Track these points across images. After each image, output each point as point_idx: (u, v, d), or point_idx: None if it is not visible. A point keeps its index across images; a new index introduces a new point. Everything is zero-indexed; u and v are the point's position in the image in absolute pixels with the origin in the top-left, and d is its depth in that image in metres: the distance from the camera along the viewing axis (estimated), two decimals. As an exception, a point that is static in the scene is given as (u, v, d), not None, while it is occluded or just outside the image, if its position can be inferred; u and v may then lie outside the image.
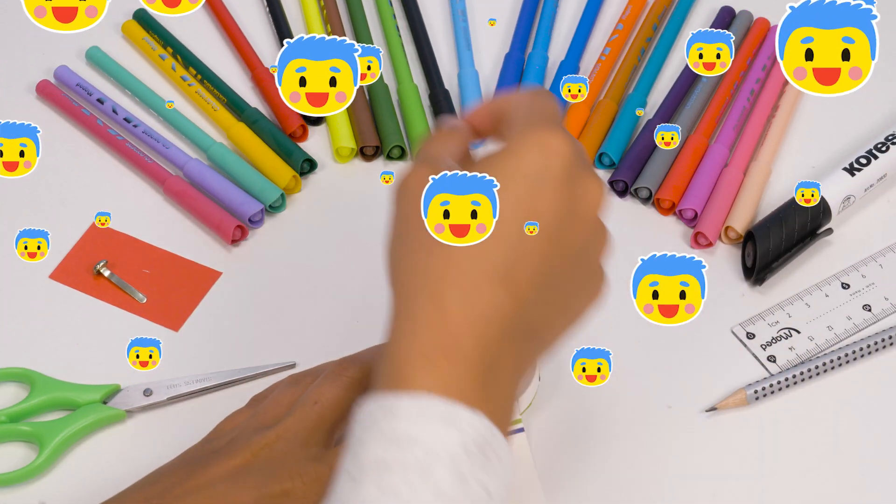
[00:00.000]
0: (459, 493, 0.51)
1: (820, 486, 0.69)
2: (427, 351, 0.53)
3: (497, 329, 0.54)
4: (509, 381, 0.55)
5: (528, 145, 0.56)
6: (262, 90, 0.88)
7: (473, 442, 0.52)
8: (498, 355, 0.54)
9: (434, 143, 0.60)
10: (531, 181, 0.55)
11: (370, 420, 0.53)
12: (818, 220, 0.78)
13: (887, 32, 0.93)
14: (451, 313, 0.53)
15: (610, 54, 0.89)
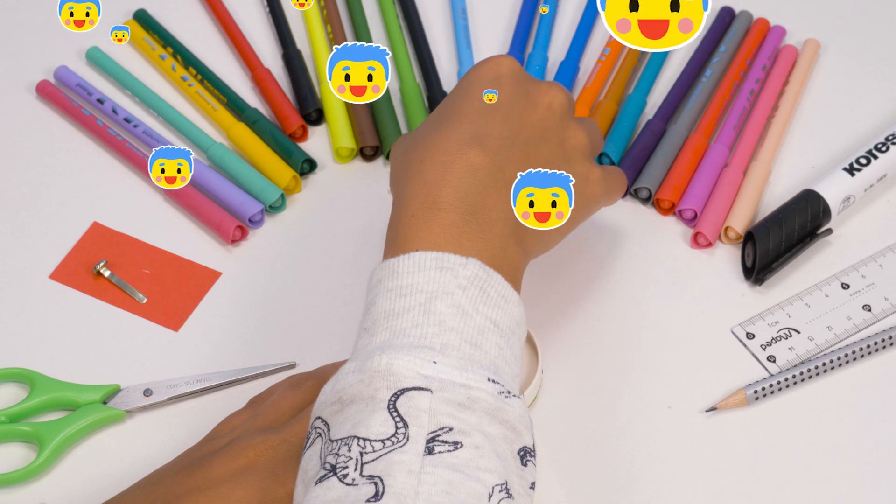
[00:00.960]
0: (461, 324, 0.58)
1: (820, 486, 0.69)
2: (414, 211, 0.62)
3: (472, 178, 0.63)
4: (502, 223, 0.63)
5: (479, 64, 0.68)
6: (262, 90, 0.88)
7: (467, 280, 0.59)
8: (482, 201, 0.63)
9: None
10: (485, 83, 0.67)
11: (377, 283, 0.61)
12: (818, 220, 0.78)
13: (886, 32, 0.93)
14: (430, 178, 0.63)
15: (610, 54, 0.89)
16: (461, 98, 0.67)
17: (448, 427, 0.54)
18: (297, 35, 0.92)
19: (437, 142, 0.65)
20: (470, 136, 0.64)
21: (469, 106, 0.66)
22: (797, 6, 0.93)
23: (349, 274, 0.79)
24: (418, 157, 0.65)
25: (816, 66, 0.90)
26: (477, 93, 0.67)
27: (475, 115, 0.66)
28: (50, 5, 0.94)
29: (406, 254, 0.61)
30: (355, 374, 0.56)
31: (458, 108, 0.66)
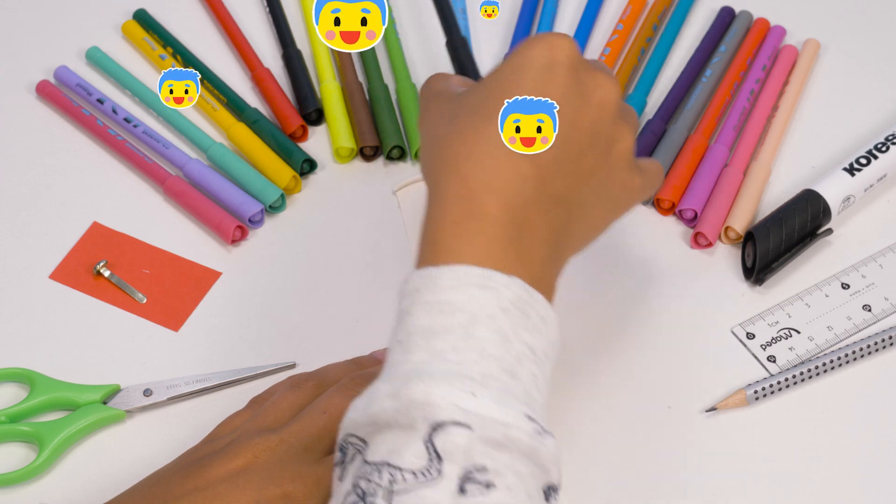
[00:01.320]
0: (501, 351, 0.55)
1: (820, 486, 0.69)
2: (456, 217, 0.58)
3: (519, 192, 0.58)
4: (544, 244, 0.59)
5: (533, 43, 0.61)
6: (262, 90, 0.88)
7: (510, 302, 0.56)
8: (526, 217, 0.58)
9: (436, 79, 0.65)
10: (539, 72, 0.60)
11: (414, 292, 0.57)
12: (818, 220, 0.78)
13: (886, 32, 0.93)
14: (474, 181, 0.58)
15: (610, 54, 0.89)
16: (510, 85, 0.61)
17: (483, 466, 0.53)
18: (297, 35, 0.92)
19: (483, 139, 0.59)
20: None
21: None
22: (797, 6, 0.93)
23: (349, 274, 0.79)
24: (462, 153, 0.59)
25: (816, 66, 0.90)
26: (528, 81, 0.60)
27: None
28: (50, 5, 0.95)
29: (448, 266, 0.57)
30: (391, 399, 0.54)
31: (499, 100, 0.60)
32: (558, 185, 0.60)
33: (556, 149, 0.60)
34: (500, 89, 0.61)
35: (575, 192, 0.61)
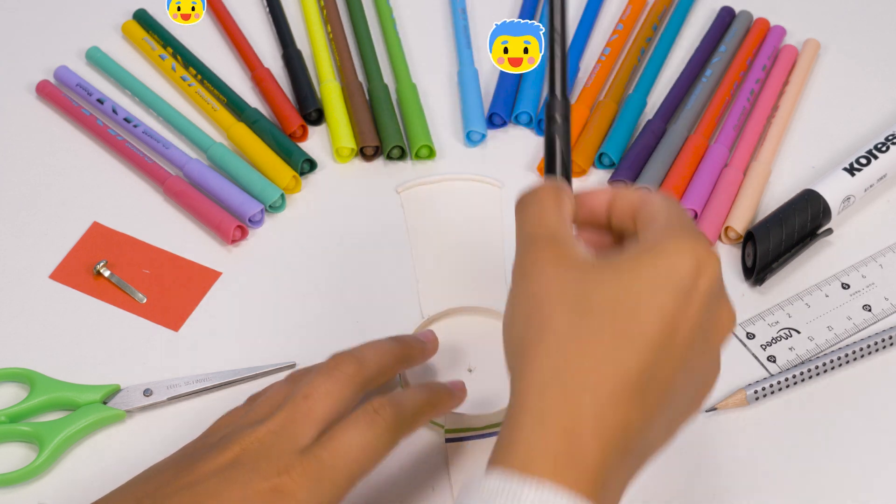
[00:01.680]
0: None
1: (820, 486, 0.69)
2: (556, 455, 0.52)
3: (622, 444, 0.53)
4: (619, 491, 0.54)
5: (683, 252, 0.54)
6: (262, 90, 0.88)
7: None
8: (617, 469, 0.53)
9: (548, 212, 0.59)
10: (680, 294, 0.54)
11: (492, 496, 0.52)
12: (818, 220, 0.78)
13: (886, 32, 0.93)
14: (584, 421, 0.52)
15: (610, 54, 0.89)
16: (643, 298, 0.53)
17: None
18: (297, 35, 0.92)
19: (596, 360, 0.53)
20: (635, 381, 0.53)
21: (647, 326, 0.53)
22: (797, 6, 0.93)
23: (349, 274, 0.79)
24: (572, 366, 0.53)
25: (816, 66, 0.90)
26: (664, 304, 0.53)
27: (651, 347, 0.53)
28: (50, 5, 0.95)
29: (534, 481, 0.52)
30: None
31: (630, 317, 0.53)
32: (652, 436, 0.55)
33: (667, 392, 0.54)
34: (632, 299, 0.54)
35: (660, 441, 0.56)
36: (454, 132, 0.87)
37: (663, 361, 0.53)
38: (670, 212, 0.57)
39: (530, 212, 0.59)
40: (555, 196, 0.60)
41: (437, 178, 0.84)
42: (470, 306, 0.75)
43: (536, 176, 0.84)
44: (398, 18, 0.93)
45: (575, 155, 0.83)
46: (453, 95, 0.89)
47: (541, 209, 0.59)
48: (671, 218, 0.57)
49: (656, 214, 0.57)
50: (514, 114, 0.87)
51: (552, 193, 0.60)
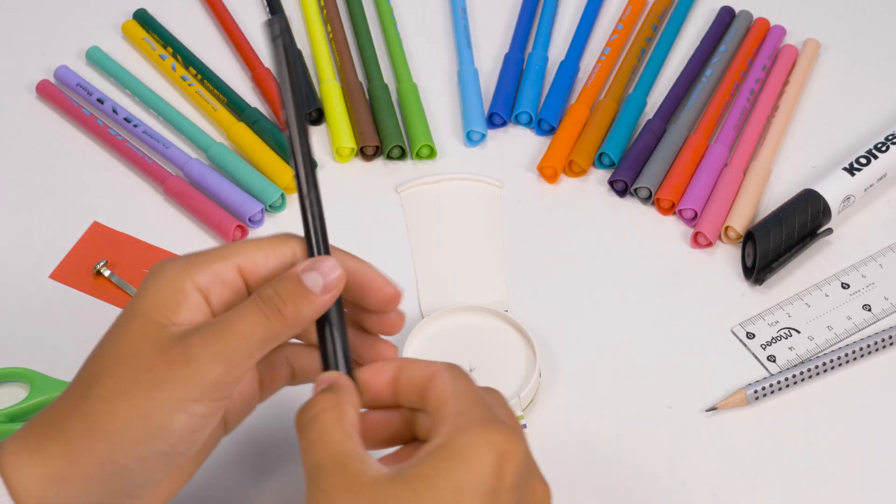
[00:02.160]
0: None
1: (820, 486, 0.69)
2: None
3: None
4: None
5: (480, 451, 0.51)
6: (262, 90, 0.88)
7: None
8: None
9: (330, 432, 0.54)
10: (485, 498, 0.51)
11: None
12: (818, 219, 0.78)
13: (886, 32, 0.93)
14: None
15: (610, 54, 0.89)
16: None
17: None
18: (297, 35, 0.92)
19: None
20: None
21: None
22: (797, 6, 0.93)
23: (349, 274, 0.79)
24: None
25: (816, 66, 0.90)
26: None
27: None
28: (50, 5, 0.95)
29: None
30: None
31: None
32: None
33: None
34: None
35: None
36: (454, 132, 0.87)
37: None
38: (458, 393, 0.54)
39: (311, 435, 0.54)
40: (333, 409, 0.55)
41: (437, 178, 0.84)
42: (470, 306, 0.75)
43: (536, 176, 0.84)
44: (398, 18, 0.93)
45: (575, 155, 0.83)
46: (453, 95, 0.89)
47: (321, 430, 0.54)
48: (460, 402, 0.54)
49: (445, 398, 0.54)
50: (514, 113, 0.87)
51: (330, 406, 0.55)
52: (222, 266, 0.58)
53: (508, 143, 0.86)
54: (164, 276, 0.57)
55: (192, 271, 0.57)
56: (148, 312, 0.56)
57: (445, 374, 0.55)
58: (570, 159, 0.84)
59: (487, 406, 0.54)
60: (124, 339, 0.56)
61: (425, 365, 0.56)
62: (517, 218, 0.82)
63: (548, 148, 0.84)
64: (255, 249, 0.59)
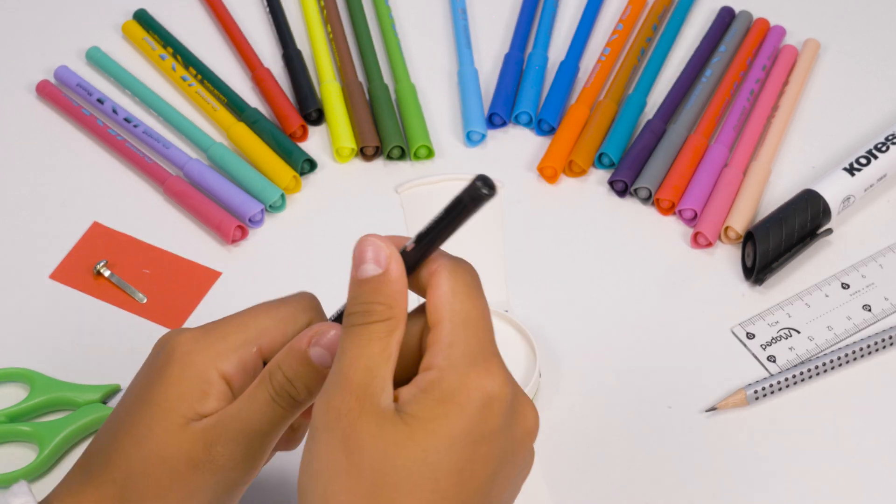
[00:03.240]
0: None
1: (820, 486, 0.69)
2: None
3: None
4: None
5: (472, 399, 0.52)
6: (262, 90, 0.88)
7: None
8: None
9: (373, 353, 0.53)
10: (477, 442, 0.52)
11: None
12: (818, 220, 0.78)
13: (886, 32, 0.93)
14: None
15: (610, 54, 0.89)
16: (438, 469, 0.51)
17: None
18: (297, 35, 0.92)
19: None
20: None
21: (449, 489, 0.51)
22: (797, 6, 0.93)
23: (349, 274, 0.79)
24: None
25: (816, 66, 0.90)
26: (464, 461, 0.51)
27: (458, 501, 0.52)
28: (50, 5, 0.95)
29: None
30: None
31: (432, 487, 0.51)
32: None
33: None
34: (430, 468, 0.51)
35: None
36: (454, 132, 0.87)
37: (474, 501, 0.52)
38: (454, 314, 0.53)
39: (352, 342, 0.53)
40: (385, 323, 0.54)
41: (436, 179, 0.84)
42: (470, 306, 0.75)
43: (536, 176, 0.84)
44: (399, 18, 0.93)
45: (575, 155, 0.83)
46: (453, 95, 0.89)
47: (366, 339, 0.53)
48: (455, 329, 0.53)
49: (440, 317, 0.53)
50: (514, 114, 0.87)
51: (384, 319, 0.54)
52: (245, 352, 0.58)
53: (508, 143, 0.86)
54: (188, 363, 0.57)
55: (218, 360, 0.57)
56: (172, 404, 0.56)
57: (445, 279, 0.54)
58: (570, 159, 0.84)
59: (478, 332, 0.53)
60: (151, 438, 0.56)
61: (432, 258, 0.55)
62: (517, 218, 0.82)
63: (548, 148, 0.84)
64: (276, 327, 0.58)
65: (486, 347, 0.54)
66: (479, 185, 0.51)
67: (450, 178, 0.84)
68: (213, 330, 0.58)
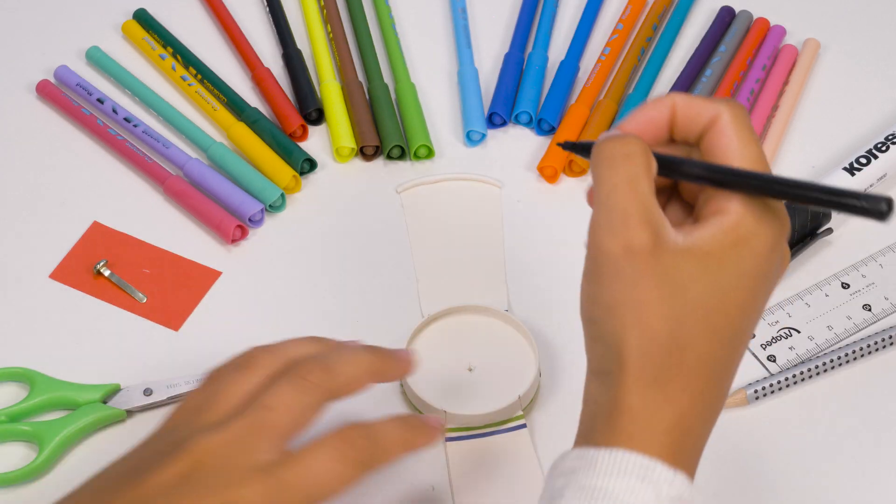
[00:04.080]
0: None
1: (820, 486, 0.69)
2: (634, 396, 0.55)
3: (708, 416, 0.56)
4: (703, 440, 0.57)
5: (764, 243, 0.56)
6: (262, 90, 0.88)
7: (670, 499, 0.53)
8: (694, 421, 0.56)
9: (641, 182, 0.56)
10: (761, 281, 0.56)
11: (570, 472, 0.54)
12: (818, 219, 0.78)
13: (886, 32, 0.93)
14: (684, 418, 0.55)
15: (610, 54, 0.89)
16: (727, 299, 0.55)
17: None
18: (297, 35, 0.92)
19: (688, 365, 0.55)
20: (721, 369, 0.56)
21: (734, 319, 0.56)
22: (797, 6, 0.93)
23: (349, 274, 0.79)
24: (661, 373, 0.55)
25: (816, 66, 0.90)
26: (749, 297, 0.56)
27: (736, 333, 0.56)
28: (50, 5, 0.95)
29: (607, 450, 0.54)
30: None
31: (719, 313, 0.56)
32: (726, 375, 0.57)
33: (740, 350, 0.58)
34: (719, 297, 0.55)
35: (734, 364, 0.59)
36: (454, 132, 0.87)
37: (744, 336, 0.57)
38: (744, 155, 0.56)
39: (620, 174, 0.56)
40: (644, 155, 0.56)
41: (437, 178, 0.84)
42: (470, 306, 0.75)
43: (536, 176, 0.84)
44: (399, 18, 0.93)
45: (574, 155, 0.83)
46: (453, 95, 0.89)
47: (633, 174, 0.56)
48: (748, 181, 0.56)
49: (729, 156, 0.56)
50: (514, 113, 0.87)
51: (641, 151, 0.56)
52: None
53: (508, 143, 0.86)
54: None
55: None
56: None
57: (729, 120, 0.57)
58: (570, 159, 0.84)
59: (767, 174, 0.56)
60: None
61: (707, 104, 0.57)
62: (517, 218, 0.82)
63: (548, 148, 0.84)
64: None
65: (774, 202, 0.57)
66: (885, 208, 0.53)
67: (450, 178, 0.84)
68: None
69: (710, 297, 0.55)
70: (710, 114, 0.57)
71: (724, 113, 0.57)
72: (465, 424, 0.71)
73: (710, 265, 0.55)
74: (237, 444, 0.57)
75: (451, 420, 0.71)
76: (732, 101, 0.57)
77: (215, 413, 0.59)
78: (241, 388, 0.60)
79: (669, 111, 0.58)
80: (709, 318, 0.55)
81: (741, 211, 0.56)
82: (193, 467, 0.56)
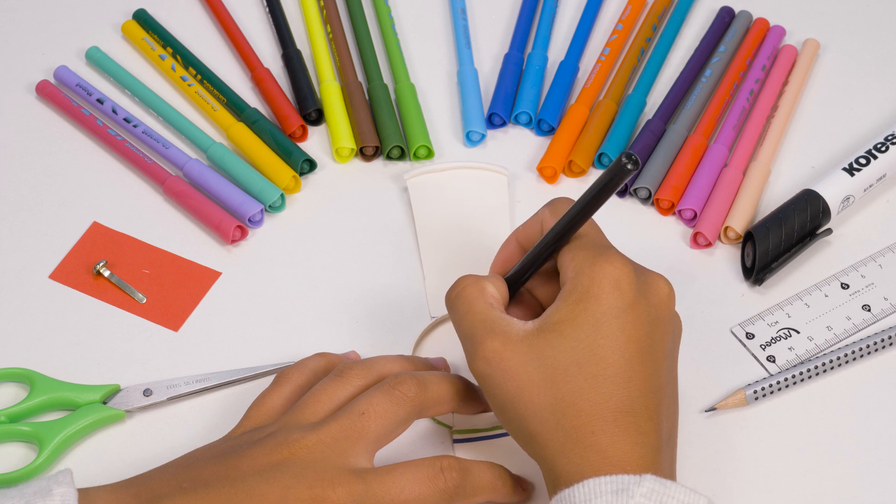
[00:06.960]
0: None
1: (819, 485, 0.69)
2: (595, 428, 0.61)
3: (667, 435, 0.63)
4: (666, 431, 0.63)
5: (603, 285, 0.63)
6: (262, 90, 0.88)
7: (644, 497, 0.58)
8: (626, 448, 0.61)
9: (475, 303, 0.65)
10: (619, 318, 0.62)
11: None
12: (818, 220, 0.78)
13: (886, 32, 0.93)
14: (610, 454, 0.60)
15: (610, 54, 0.89)
16: (595, 348, 0.62)
17: None
18: (297, 35, 0.92)
19: (594, 398, 0.61)
20: (627, 405, 0.61)
21: (611, 359, 0.62)
22: (797, 6, 0.93)
23: (349, 274, 0.79)
24: (581, 429, 0.61)
25: (816, 66, 0.90)
26: (614, 336, 0.62)
27: (623, 370, 0.62)
28: (50, 5, 0.95)
29: (579, 484, 0.59)
30: None
31: (594, 362, 0.62)
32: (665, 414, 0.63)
33: (656, 378, 0.63)
34: (586, 349, 0.62)
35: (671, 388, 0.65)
36: (454, 132, 0.87)
37: (635, 365, 0.62)
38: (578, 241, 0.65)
39: (460, 310, 0.65)
40: (474, 285, 0.66)
41: (444, 167, 0.84)
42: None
43: (536, 176, 0.84)
44: (399, 18, 0.93)
45: (574, 155, 0.83)
46: (453, 95, 0.89)
47: (467, 304, 0.65)
48: (569, 246, 0.65)
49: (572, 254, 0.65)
50: (514, 114, 0.87)
51: (471, 283, 0.66)
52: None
53: (508, 143, 0.86)
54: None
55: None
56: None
57: (548, 219, 0.67)
58: (569, 159, 0.84)
59: (590, 237, 0.66)
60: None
61: (532, 220, 0.68)
62: (517, 218, 0.82)
63: (547, 148, 0.84)
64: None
65: (600, 243, 0.65)
66: (625, 161, 0.61)
67: (457, 167, 0.84)
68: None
69: (577, 352, 0.61)
70: (536, 225, 0.67)
71: (543, 217, 0.67)
72: (473, 426, 0.71)
73: (565, 328, 0.62)
74: (331, 445, 0.62)
75: (458, 422, 0.71)
76: (554, 199, 0.68)
77: (311, 414, 0.64)
78: (336, 395, 0.65)
79: (515, 243, 0.69)
80: (582, 368, 0.61)
81: (570, 274, 0.63)
82: (288, 458, 0.61)
